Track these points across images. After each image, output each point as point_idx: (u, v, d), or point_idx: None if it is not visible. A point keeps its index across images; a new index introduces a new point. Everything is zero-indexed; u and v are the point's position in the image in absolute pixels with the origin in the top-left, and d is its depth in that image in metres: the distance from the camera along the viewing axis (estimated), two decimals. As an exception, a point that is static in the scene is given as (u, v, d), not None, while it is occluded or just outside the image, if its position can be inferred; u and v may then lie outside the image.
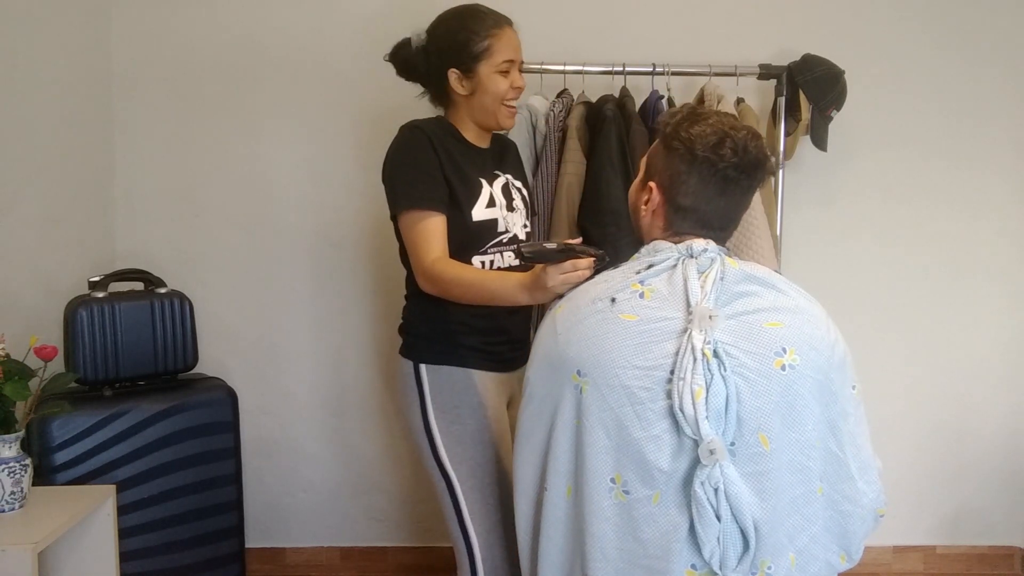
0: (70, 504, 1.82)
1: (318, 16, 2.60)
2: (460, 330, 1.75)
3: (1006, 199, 2.69)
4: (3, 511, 1.73)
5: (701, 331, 1.20)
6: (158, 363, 2.22)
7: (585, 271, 1.38)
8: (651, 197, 1.37)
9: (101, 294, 2.18)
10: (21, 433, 1.77)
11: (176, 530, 2.18)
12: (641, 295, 1.26)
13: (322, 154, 2.64)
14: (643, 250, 1.38)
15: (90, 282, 2.21)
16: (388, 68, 1.86)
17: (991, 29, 2.63)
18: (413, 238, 1.68)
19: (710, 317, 1.21)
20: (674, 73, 2.36)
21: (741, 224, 1.63)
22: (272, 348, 2.69)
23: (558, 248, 1.38)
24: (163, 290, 2.27)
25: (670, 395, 1.19)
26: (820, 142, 2.41)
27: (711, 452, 1.16)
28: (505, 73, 1.73)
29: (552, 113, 2.31)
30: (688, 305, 1.24)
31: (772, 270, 1.34)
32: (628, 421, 1.21)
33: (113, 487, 1.96)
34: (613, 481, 1.24)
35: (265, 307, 2.68)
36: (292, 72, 2.61)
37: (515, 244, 1.78)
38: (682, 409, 1.17)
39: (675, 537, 1.21)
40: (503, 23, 1.74)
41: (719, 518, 1.18)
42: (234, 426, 2.29)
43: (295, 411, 2.71)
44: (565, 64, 2.35)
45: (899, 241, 2.69)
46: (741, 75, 2.37)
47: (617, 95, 2.32)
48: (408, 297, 1.84)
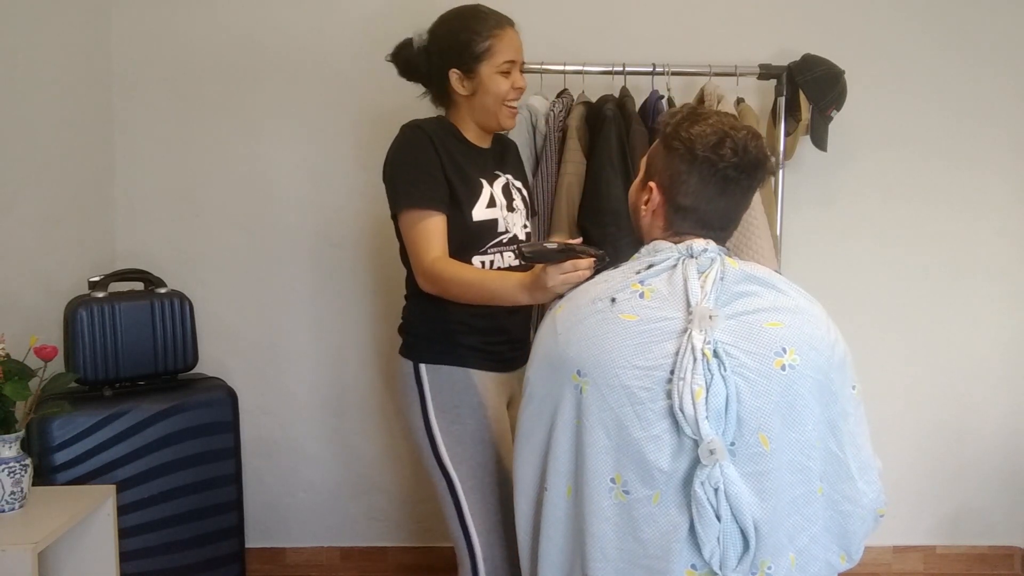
0: (70, 504, 1.82)
1: (318, 16, 2.60)
2: (460, 330, 1.75)
3: (1006, 199, 2.69)
4: (3, 511, 1.73)
5: (701, 331, 1.20)
6: (158, 363, 2.22)
7: (585, 271, 1.38)
8: (651, 197, 1.37)
9: (101, 294, 2.18)
10: (21, 433, 1.77)
11: (176, 530, 2.18)
12: (641, 295, 1.26)
13: (322, 154, 2.64)
14: (643, 250, 1.38)
15: (90, 282, 2.21)
16: (388, 68, 1.87)
17: (991, 29, 2.63)
18: (413, 237, 1.68)
19: (710, 317, 1.21)
20: (674, 73, 2.36)
21: (741, 224, 1.63)
22: (272, 348, 2.69)
23: (558, 248, 1.38)
24: (163, 290, 2.27)
25: (670, 395, 1.19)
26: (820, 142, 2.41)
27: (711, 452, 1.16)
28: (506, 74, 1.73)
29: (552, 113, 2.31)
30: (688, 305, 1.24)
31: (772, 270, 1.34)
32: (628, 421, 1.21)
33: (113, 487, 1.96)
34: (613, 481, 1.24)
35: (265, 307, 2.68)
36: (292, 72, 2.61)
37: (515, 244, 1.78)
38: (682, 409, 1.17)
39: (675, 537, 1.21)
40: (504, 24, 1.74)
41: (719, 518, 1.18)
42: (234, 426, 2.29)
43: (295, 411, 2.71)
44: (565, 64, 2.35)
45: (899, 241, 2.69)
46: (741, 75, 2.37)
47: (617, 95, 2.32)
48: (408, 297, 1.84)
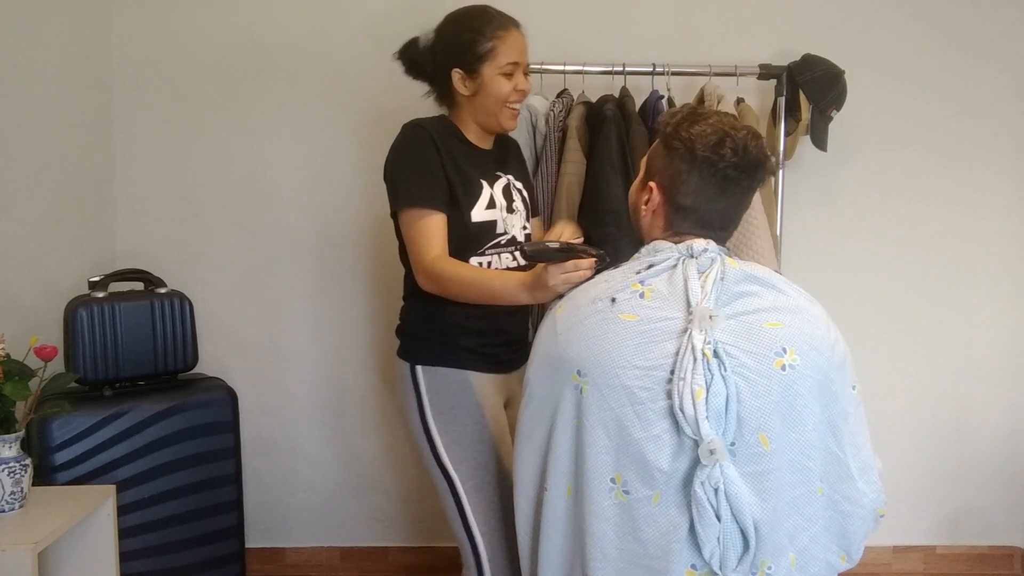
0: (70, 504, 1.82)
1: (318, 16, 2.60)
2: (457, 331, 1.74)
3: (1006, 199, 2.69)
4: (3, 511, 1.73)
5: (701, 331, 1.20)
6: (158, 363, 2.22)
7: (587, 271, 1.38)
8: (651, 197, 1.37)
9: (101, 294, 2.18)
10: (21, 433, 1.77)
11: (176, 530, 2.18)
12: (641, 295, 1.26)
13: (322, 154, 2.64)
14: (643, 250, 1.38)
15: (90, 282, 2.21)
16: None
17: (991, 29, 2.63)
18: (413, 236, 1.68)
19: (710, 317, 1.21)
20: (674, 73, 2.36)
21: (741, 224, 1.63)
22: (272, 348, 2.69)
23: (560, 247, 1.39)
24: (163, 290, 2.27)
25: (670, 395, 1.19)
26: (820, 142, 2.41)
27: (711, 452, 1.16)
28: (509, 75, 1.73)
29: (552, 113, 2.31)
30: (688, 305, 1.24)
31: (772, 270, 1.34)
32: (628, 421, 1.21)
33: (113, 487, 1.96)
34: (613, 481, 1.24)
35: (265, 307, 2.68)
36: (292, 72, 2.61)
37: (513, 246, 1.78)
38: (682, 409, 1.17)
39: (675, 537, 1.21)
40: (509, 25, 1.74)
41: (719, 518, 1.18)
42: (234, 426, 2.29)
43: (295, 411, 2.71)
44: (565, 64, 2.35)
45: (899, 241, 2.69)
46: (741, 75, 2.37)
47: (617, 95, 2.32)
48: (406, 297, 1.84)
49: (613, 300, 1.27)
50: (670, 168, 1.33)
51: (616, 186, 2.17)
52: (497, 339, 1.78)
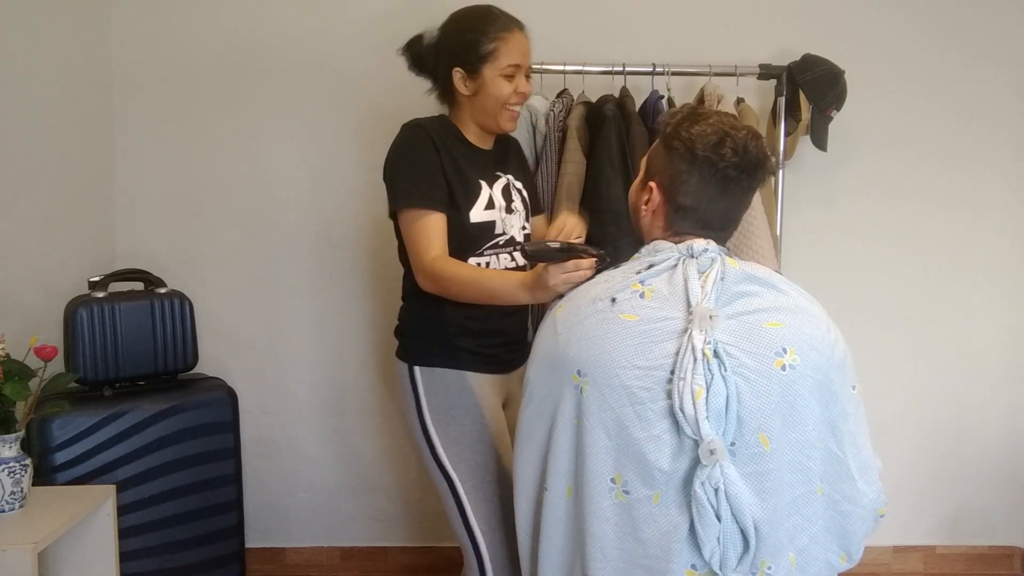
0: (70, 504, 1.82)
1: (318, 16, 2.60)
2: (455, 332, 1.74)
3: (1006, 199, 2.69)
4: (3, 511, 1.73)
5: (701, 331, 1.20)
6: (158, 363, 2.22)
7: (587, 271, 1.38)
8: (651, 197, 1.37)
9: (101, 294, 2.18)
10: (21, 433, 1.77)
11: (176, 530, 2.18)
12: (641, 295, 1.26)
13: (322, 154, 2.64)
14: (643, 250, 1.38)
15: (90, 282, 2.21)
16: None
17: (991, 29, 2.63)
18: (413, 235, 1.68)
19: (710, 317, 1.21)
20: (674, 73, 2.36)
21: (741, 224, 1.63)
22: (272, 348, 2.69)
23: (560, 247, 1.39)
24: (163, 290, 2.27)
25: (670, 395, 1.19)
26: (820, 142, 2.42)
27: (711, 452, 1.16)
28: (510, 77, 1.72)
29: (552, 113, 2.31)
30: (688, 305, 1.24)
31: (772, 270, 1.34)
32: (628, 421, 1.21)
33: (113, 487, 1.96)
34: (613, 481, 1.24)
35: (265, 307, 2.68)
36: (292, 72, 2.61)
37: (512, 246, 1.78)
38: (682, 409, 1.17)
39: (675, 537, 1.21)
40: (513, 27, 1.73)
41: (719, 518, 1.18)
42: (234, 426, 2.29)
43: (295, 411, 2.71)
44: (565, 64, 2.35)
45: (899, 241, 2.69)
46: (741, 75, 2.38)
47: (617, 95, 2.32)
48: (404, 298, 1.84)
49: (613, 300, 1.27)
50: (670, 168, 1.33)
51: (616, 186, 2.17)
52: (496, 339, 1.78)
